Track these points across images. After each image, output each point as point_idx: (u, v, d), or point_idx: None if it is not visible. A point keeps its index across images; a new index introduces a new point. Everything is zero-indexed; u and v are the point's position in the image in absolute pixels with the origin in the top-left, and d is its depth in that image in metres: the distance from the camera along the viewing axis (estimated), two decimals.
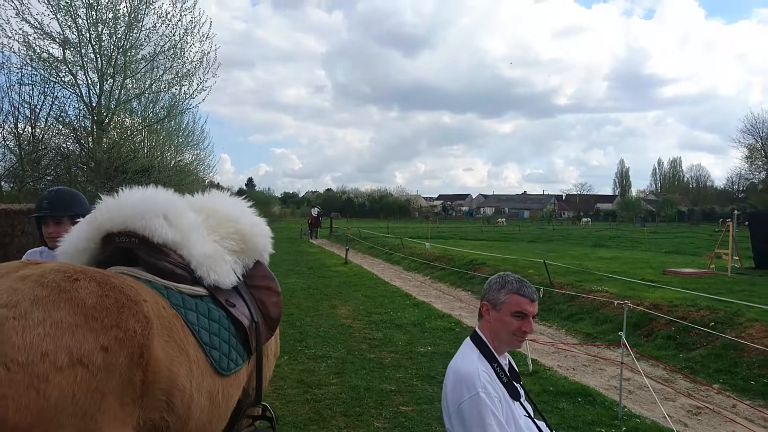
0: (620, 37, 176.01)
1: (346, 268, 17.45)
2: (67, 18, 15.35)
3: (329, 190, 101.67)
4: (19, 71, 15.77)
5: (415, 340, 7.89)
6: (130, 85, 17.56)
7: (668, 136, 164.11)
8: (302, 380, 5.96)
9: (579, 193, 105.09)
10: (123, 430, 1.64)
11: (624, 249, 22.80)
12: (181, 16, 17.06)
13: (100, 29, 15.82)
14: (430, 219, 51.31)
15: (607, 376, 6.67)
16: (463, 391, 2.12)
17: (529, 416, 2.33)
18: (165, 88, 18.34)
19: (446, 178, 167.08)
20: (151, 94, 18.67)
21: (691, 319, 7.57)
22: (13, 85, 15.96)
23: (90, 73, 16.34)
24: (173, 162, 25.80)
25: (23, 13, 14.73)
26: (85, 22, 15.60)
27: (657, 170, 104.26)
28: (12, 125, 16.13)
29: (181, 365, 1.87)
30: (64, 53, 15.72)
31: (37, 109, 16.38)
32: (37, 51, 15.34)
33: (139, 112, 19.99)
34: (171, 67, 17.76)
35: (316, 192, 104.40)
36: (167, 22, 16.90)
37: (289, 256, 20.15)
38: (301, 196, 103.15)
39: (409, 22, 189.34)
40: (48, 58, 15.62)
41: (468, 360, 2.22)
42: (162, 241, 2.19)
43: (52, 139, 17.19)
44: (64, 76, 16.09)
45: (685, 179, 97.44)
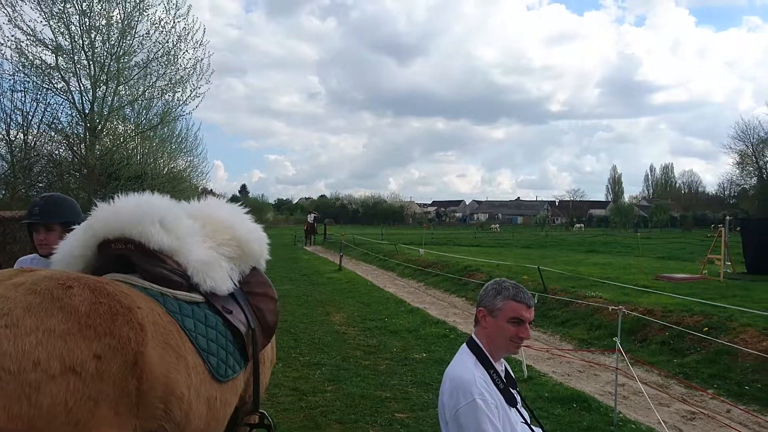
0: (612, 44, 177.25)
1: (340, 274, 17.41)
2: (59, 25, 15.32)
3: (323, 197, 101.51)
4: (11, 78, 15.70)
5: (409, 347, 7.87)
6: (123, 92, 17.53)
7: (660, 142, 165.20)
8: (297, 388, 5.93)
9: (572, 199, 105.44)
10: None
11: (617, 255, 22.86)
12: (174, 23, 17.08)
13: (93, 36, 15.80)
14: (425, 225, 51.41)
15: (601, 381, 6.67)
16: (460, 397, 2.11)
17: (526, 423, 2.32)
18: (158, 94, 18.34)
19: (440, 185, 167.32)
20: (145, 101, 18.66)
21: (684, 325, 7.60)
22: (5, 92, 15.90)
23: (83, 79, 16.32)
24: (166, 169, 25.71)
25: (15, 20, 14.71)
26: (78, 28, 15.58)
27: (649, 176, 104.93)
28: (4, 132, 16.06)
29: (179, 372, 1.85)
30: (57, 60, 15.68)
31: (30, 116, 16.32)
32: (30, 58, 15.30)
33: (132, 119, 19.95)
34: (164, 73, 17.76)
35: (309, 198, 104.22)
36: (161, 28, 16.93)
37: (282, 263, 20.08)
38: (295, 202, 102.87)
39: (403, 30, 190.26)
40: (40, 64, 15.59)
41: (464, 366, 2.22)
42: (158, 248, 2.17)
43: (45, 145, 17.11)
44: (56, 83, 16.06)
45: (677, 185, 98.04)
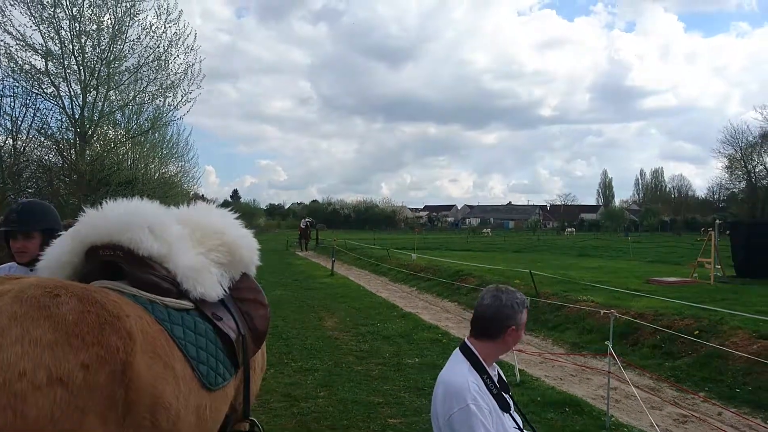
0: (602, 50, 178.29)
1: (332, 279, 17.37)
2: (49, 29, 15.26)
3: (315, 202, 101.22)
4: (0, 83, 15.59)
5: (402, 352, 7.85)
6: (114, 97, 17.47)
7: (650, 147, 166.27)
8: (289, 393, 5.89)
9: (563, 203, 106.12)
10: None
11: (608, 259, 22.96)
12: (165, 27, 17.03)
13: (83, 41, 15.73)
14: (417, 230, 51.29)
15: (594, 385, 6.68)
16: (453, 403, 2.10)
17: (519, 428, 2.31)
18: (149, 99, 18.29)
19: (432, 189, 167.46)
20: (135, 106, 18.54)
21: (676, 328, 7.63)
22: None
23: (73, 84, 16.24)
24: (157, 174, 25.60)
25: (5, 25, 14.66)
26: (68, 33, 15.51)
27: (639, 180, 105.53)
28: None
29: (167, 382, 1.82)
30: (47, 65, 15.60)
31: (19, 121, 16.16)
32: (19, 62, 15.22)
33: (123, 124, 19.84)
34: (155, 78, 17.72)
35: (301, 203, 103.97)
36: (151, 33, 16.87)
37: (274, 268, 20.02)
38: (287, 207, 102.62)
39: (394, 35, 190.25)
40: (30, 69, 15.50)
41: (458, 371, 2.21)
42: (147, 254, 2.15)
43: (34, 151, 16.97)
44: (46, 88, 15.96)
45: (667, 189, 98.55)
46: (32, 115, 16.27)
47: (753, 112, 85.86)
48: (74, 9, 15.38)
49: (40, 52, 15.35)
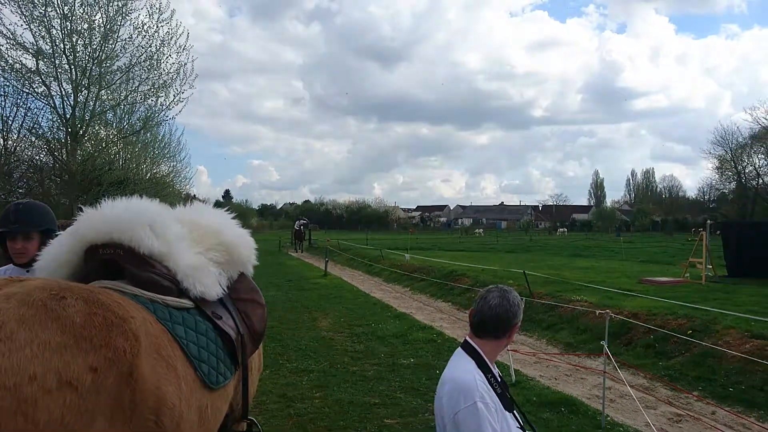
0: (594, 51, 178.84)
1: (326, 280, 17.34)
2: (40, 28, 15.14)
3: (307, 202, 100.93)
4: None
5: (397, 352, 7.84)
6: (105, 97, 17.35)
7: (641, 148, 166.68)
8: (285, 394, 5.87)
9: (555, 203, 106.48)
10: None
11: (601, 259, 23.06)
12: (158, 27, 16.96)
13: (74, 40, 15.62)
14: (411, 230, 51.34)
15: (588, 385, 6.70)
16: (461, 400, 2.09)
17: (521, 427, 2.31)
18: (141, 99, 18.18)
19: (424, 190, 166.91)
20: (127, 106, 18.45)
21: (669, 328, 7.67)
22: None
23: (64, 84, 16.13)
24: (149, 174, 25.47)
25: None
26: (60, 32, 15.40)
27: (631, 181, 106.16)
28: None
29: (170, 382, 1.82)
30: (38, 64, 15.49)
31: (10, 121, 16.10)
32: (9, 62, 15.12)
33: (115, 124, 19.73)
34: (147, 78, 17.61)
35: (294, 204, 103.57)
36: (143, 33, 16.79)
37: (268, 269, 19.94)
38: (279, 207, 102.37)
39: (387, 35, 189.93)
40: (21, 68, 15.41)
41: (465, 369, 2.20)
42: (148, 252, 2.13)
43: (25, 151, 16.90)
44: (37, 87, 15.87)
45: (658, 189, 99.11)
46: (23, 114, 16.22)
47: (743, 114, 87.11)
48: (65, 8, 15.29)
49: (30, 51, 15.25)
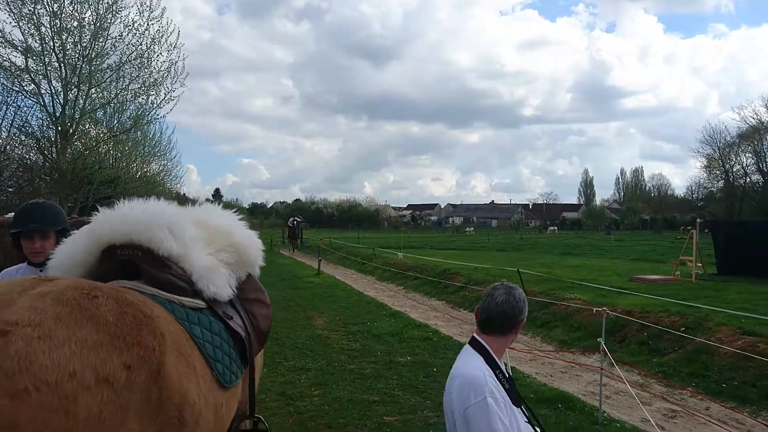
0: (583, 50, 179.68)
1: (319, 279, 17.34)
2: (29, 26, 14.97)
3: (298, 201, 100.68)
4: None
5: (393, 350, 7.88)
6: (96, 95, 17.19)
7: (630, 146, 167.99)
8: (284, 392, 5.89)
9: (545, 202, 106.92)
10: None
11: (591, 257, 23.22)
12: (148, 25, 16.80)
13: (64, 38, 15.46)
14: (402, 228, 51.40)
15: (584, 381, 6.77)
16: (471, 395, 2.13)
17: (528, 421, 2.35)
18: (131, 97, 18.03)
19: (415, 188, 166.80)
20: (117, 104, 18.32)
21: (662, 325, 7.76)
22: None
23: (54, 82, 15.95)
24: (139, 173, 25.34)
25: None
26: (49, 30, 15.23)
27: (620, 179, 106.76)
28: None
29: (190, 380, 1.86)
30: (27, 62, 15.31)
31: None
32: None
33: (105, 122, 19.60)
34: (138, 76, 17.46)
35: (284, 202, 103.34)
36: (134, 31, 16.62)
37: (261, 268, 19.87)
38: (270, 206, 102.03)
39: (378, 34, 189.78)
40: (10, 66, 15.22)
41: (475, 365, 2.24)
42: (167, 254, 2.17)
43: (15, 149, 16.71)
44: (26, 85, 15.70)
45: (647, 188, 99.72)
46: (12, 113, 16.08)
47: (731, 113, 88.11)
48: (55, 5, 15.12)
49: (20, 48, 15.07)
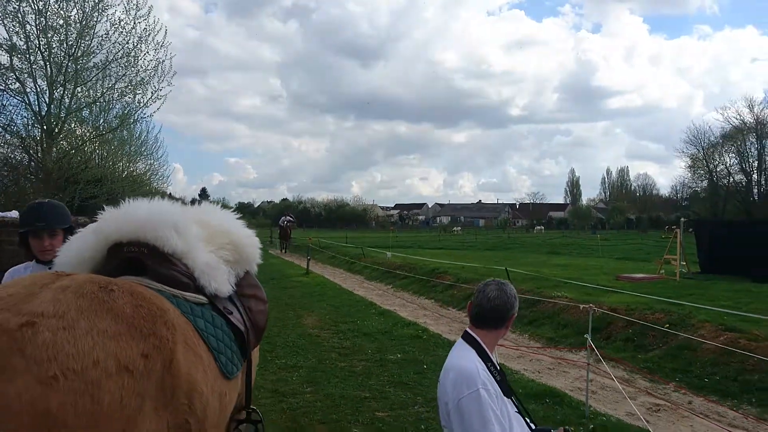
0: (569, 51, 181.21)
1: (308, 278, 17.35)
2: (14, 24, 14.81)
3: (285, 200, 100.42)
4: None
5: (384, 348, 7.96)
6: (81, 94, 17.05)
7: (616, 146, 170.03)
8: (276, 390, 5.95)
9: (532, 201, 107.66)
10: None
11: (578, 256, 23.49)
12: (135, 23, 16.70)
13: (49, 36, 15.32)
14: (391, 228, 51.52)
15: (571, 377, 6.91)
16: (464, 387, 2.22)
17: (518, 412, 2.44)
18: (118, 96, 17.90)
19: (402, 188, 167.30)
20: (103, 103, 18.17)
21: (648, 322, 7.92)
22: None
23: (39, 80, 15.80)
24: (126, 172, 25.16)
25: None
26: (34, 28, 15.09)
27: (606, 179, 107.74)
28: None
29: (198, 370, 1.94)
30: (11, 60, 15.15)
31: None
32: None
33: (91, 122, 19.43)
34: (124, 75, 17.33)
35: (271, 202, 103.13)
36: (120, 29, 16.51)
37: None
38: (257, 206, 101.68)
39: (365, 33, 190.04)
40: None
41: (468, 358, 2.33)
42: (171, 251, 2.25)
43: None
44: (11, 84, 15.52)
45: (633, 188, 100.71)
46: None
47: (715, 113, 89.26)
48: (40, 3, 14.99)
49: (4, 46, 14.93)
